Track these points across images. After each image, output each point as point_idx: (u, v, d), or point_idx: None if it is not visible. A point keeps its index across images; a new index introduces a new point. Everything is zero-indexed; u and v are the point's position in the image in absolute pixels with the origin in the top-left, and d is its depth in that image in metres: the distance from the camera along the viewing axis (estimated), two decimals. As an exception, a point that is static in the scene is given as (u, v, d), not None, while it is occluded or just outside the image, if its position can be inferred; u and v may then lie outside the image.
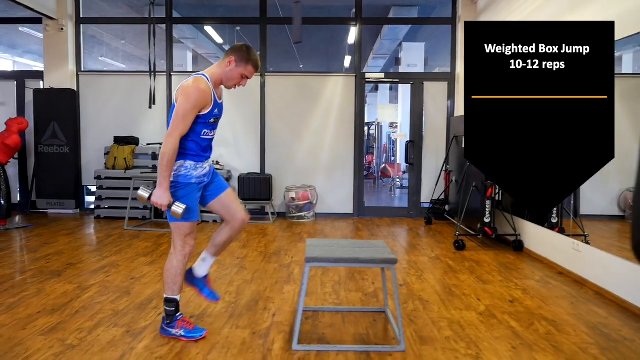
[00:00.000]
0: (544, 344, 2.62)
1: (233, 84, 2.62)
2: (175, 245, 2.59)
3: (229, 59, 2.55)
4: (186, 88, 2.44)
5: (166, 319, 2.60)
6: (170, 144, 2.40)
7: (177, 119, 2.42)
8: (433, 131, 6.72)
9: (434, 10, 8.49)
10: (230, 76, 2.58)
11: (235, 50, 2.57)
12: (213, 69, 2.60)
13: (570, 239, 3.99)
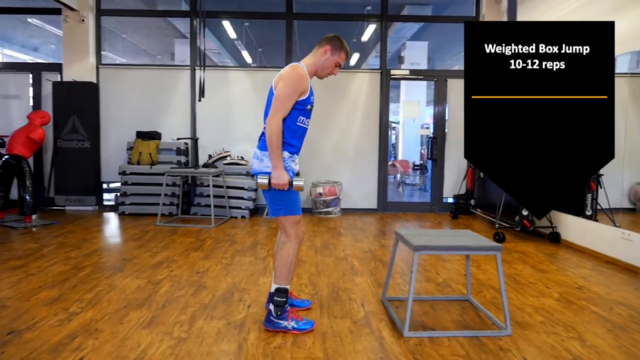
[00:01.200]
0: (634, 326, 2.74)
1: (327, 72, 2.69)
2: (289, 234, 2.60)
3: (324, 49, 2.63)
4: (286, 74, 2.51)
5: (276, 310, 2.58)
6: (274, 124, 2.45)
7: (278, 102, 2.47)
8: (456, 127, 6.86)
9: (447, 9, 8.64)
10: (326, 65, 2.65)
11: (329, 40, 2.65)
12: (308, 60, 2.66)
13: (619, 229, 4.16)
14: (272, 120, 2.45)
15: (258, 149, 2.62)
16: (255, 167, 2.61)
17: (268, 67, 6.87)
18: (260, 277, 3.62)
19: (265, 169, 2.54)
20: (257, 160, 2.60)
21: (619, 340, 2.54)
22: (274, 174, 2.47)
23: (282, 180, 2.46)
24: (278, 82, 2.52)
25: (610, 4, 4.36)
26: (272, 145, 2.44)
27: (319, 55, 2.64)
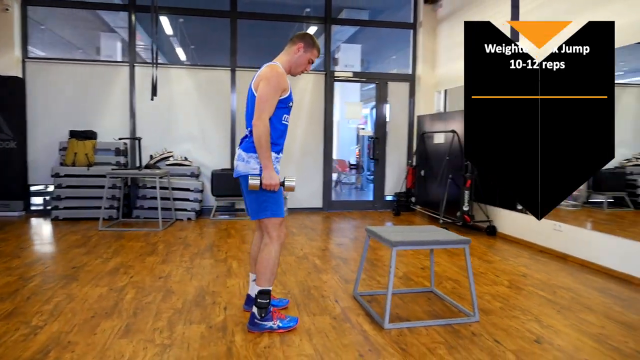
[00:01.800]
0: (577, 306, 3.09)
1: (301, 69, 2.73)
2: (272, 236, 2.62)
3: (297, 46, 2.66)
4: (266, 74, 2.51)
5: (260, 312, 2.58)
6: (262, 125, 2.45)
7: (262, 103, 2.47)
8: (396, 128, 7.17)
9: (382, 14, 8.96)
10: (299, 62, 2.69)
11: (301, 38, 2.68)
12: (282, 58, 2.69)
13: (550, 221, 4.63)
14: (259, 122, 2.46)
15: (243, 151, 2.60)
16: (240, 169, 2.60)
17: (212, 66, 6.73)
18: (227, 279, 3.59)
19: (252, 170, 2.55)
20: (242, 162, 2.58)
21: (568, 319, 2.86)
22: (265, 175, 2.48)
23: (273, 180, 2.48)
24: (258, 83, 2.53)
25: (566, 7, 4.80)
26: (262, 147, 2.45)
27: (292, 53, 2.67)
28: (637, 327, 2.75)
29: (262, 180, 2.49)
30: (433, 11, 6.90)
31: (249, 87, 2.64)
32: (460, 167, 5.51)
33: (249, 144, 2.57)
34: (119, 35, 11.01)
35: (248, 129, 2.61)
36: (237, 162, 2.63)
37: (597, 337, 2.59)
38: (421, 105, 7.02)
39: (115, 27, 10.10)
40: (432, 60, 7.02)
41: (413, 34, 7.16)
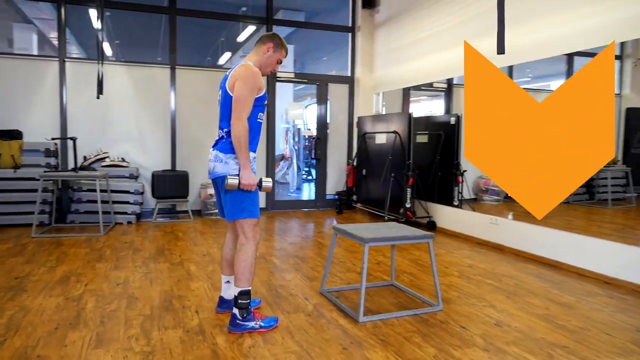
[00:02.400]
0: (522, 291, 3.43)
1: (270, 69, 2.76)
2: (248, 237, 2.63)
3: (266, 46, 2.68)
4: (241, 73, 2.52)
5: (241, 313, 2.59)
6: (241, 126, 2.48)
7: (240, 103, 2.48)
8: (337, 129, 7.36)
9: (317, 16, 9.13)
10: (269, 62, 2.72)
11: (270, 38, 2.71)
12: (252, 57, 2.70)
13: (487, 215, 5.03)
14: (238, 123, 2.47)
15: (220, 152, 2.60)
16: (218, 170, 2.59)
17: (150, 63, 6.48)
18: (189, 282, 3.53)
19: (231, 171, 2.56)
20: (220, 163, 2.58)
21: (517, 304, 3.17)
22: (243, 175, 2.50)
23: (252, 180, 2.52)
24: (233, 83, 2.53)
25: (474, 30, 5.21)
26: (241, 147, 2.48)
27: (262, 53, 2.69)
28: (575, 307, 3.11)
29: (241, 180, 2.50)
30: (370, 16, 7.17)
31: (222, 88, 2.63)
32: (402, 167, 5.80)
33: (227, 145, 2.58)
34: (34, 27, 10.21)
35: (224, 130, 2.61)
36: (213, 164, 2.63)
37: (545, 318, 2.91)
38: (360, 107, 7.27)
39: (32, 18, 9.36)
40: (370, 64, 7.30)
41: (351, 38, 7.39)
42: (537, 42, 4.40)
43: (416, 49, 6.19)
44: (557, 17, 4.20)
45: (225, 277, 2.88)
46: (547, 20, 4.30)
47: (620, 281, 3.60)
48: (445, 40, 5.66)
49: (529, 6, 4.45)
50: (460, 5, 5.39)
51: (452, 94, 7.20)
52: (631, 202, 7.67)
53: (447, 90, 7.26)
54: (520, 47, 4.54)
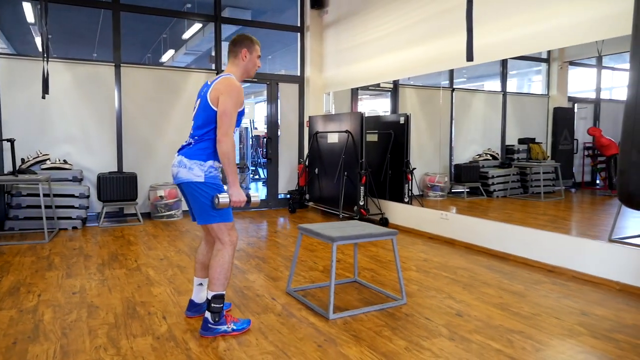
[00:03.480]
0: (476, 282, 3.64)
1: (254, 70, 2.74)
2: (224, 241, 2.61)
3: (242, 53, 2.66)
4: (226, 88, 2.49)
5: (213, 317, 2.57)
6: (229, 142, 2.48)
7: (227, 118, 2.46)
8: (288, 128, 7.38)
9: (264, 14, 9.08)
10: (251, 65, 2.70)
11: (240, 42, 2.67)
12: (232, 69, 2.68)
13: (438, 210, 5.27)
14: (226, 139, 2.46)
15: (185, 157, 2.56)
16: (182, 176, 2.55)
17: (94, 61, 6.17)
18: (150, 288, 3.44)
19: (196, 178, 2.52)
20: (185, 169, 2.54)
21: (473, 294, 3.37)
22: (233, 192, 2.51)
23: (242, 197, 2.53)
24: (216, 97, 2.49)
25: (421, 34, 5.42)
26: (230, 163, 2.49)
27: (241, 61, 2.66)
28: (525, 294, 3.35)
29: (231, 198, 2.49)
30: (319, 17, 7.25)
31: (202, 97, 2.59)
32: (355, 165, 5.93)
33: (194, 150, 2.56)
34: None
35: (194, 137, 2.58)
36: (177, 169, 2.58)
37: (500, 306, 3.12)
38: (311, 106, 7.33)
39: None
40: (320, 64, 7.38)
41: (300, 37, 7.43)
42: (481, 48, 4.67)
43: (366, 51, 6.34)
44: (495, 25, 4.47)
45: (198, 280, 2.84)
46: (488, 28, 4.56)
47: (561, 269, 3.91)
48: (394, 43, 5.84)
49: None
50: (407, 10, 5.59)
51: (398, 93, 7.45)
52: (560, 195, 8.30)
53: (393, 90, 7.50)
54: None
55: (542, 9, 4.07)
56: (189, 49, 11.02)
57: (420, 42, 5.43)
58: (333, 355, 2.40)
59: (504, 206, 7.47)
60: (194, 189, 2.54)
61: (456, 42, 5.00)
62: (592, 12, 3.68)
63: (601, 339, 2.62)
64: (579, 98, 9.52)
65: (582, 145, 9.30)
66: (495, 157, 8.56)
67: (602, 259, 3.65)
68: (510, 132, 8.91)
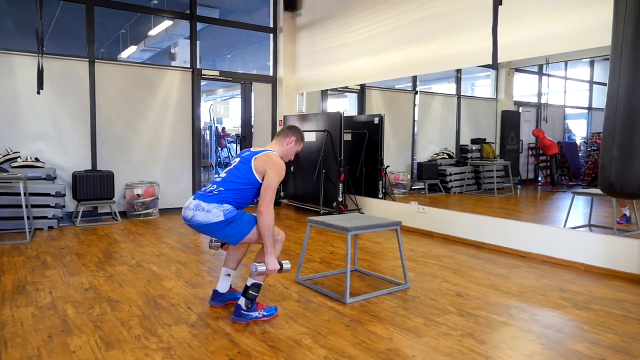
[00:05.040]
0: (463, 268, 4.00)
1: (288, 158, 2.99)
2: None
3: (289, 139, 2.94)
4: (274, 164, 2.72)
5: (247, 304, 2.74)
6: (271, 215, 2.65)
7: (270, 191, 2.69)
8: (261, 126, 7.50)
9: (232, 14, 9.13)
10: (290, 152, 2.97)
11: (294, 131, 2.97)
12: (275, 146, 2.92)
13: (415, 205, 5.63)
14: (268, 211, 2.63)
15: (203, 202, 2.69)
16: (200, 219, 2.68)
17: (66, 56, 6.00)
18: (161, 282, 3.51)
19: (215, 218, 2.65)
20: (203, 212, 2.67)
21: (464, 278, 3.72)
22: (269, 262, 2.67)
23: (276, 266, 2.68)
24: (264, 169, 2.69)
25: (394, 40, 5.77)
26: (269, 235, 2.65)
27: (285, 144, 2.92)
28: (509, 276, 3.75)
29: (267, 267, 2.66)
30: (292, 19, 7.44)
31: (243, 159, 2.79)
32: (333, 163, 6.19)
33: (213, 198, 2.69)
34: None
35: (220, 189, 2.72)
36: (193, 212, 2.70)
37: (491, 286, 3.49)
38: (284, 106, 7.51)
39: None
40: (293, 65, 7.57)
41: (273, 38, 7.58)
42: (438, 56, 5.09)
43: (340, 54, 6.62)
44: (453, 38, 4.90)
45: (227, 270, 2.99)
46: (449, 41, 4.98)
47: (532, 254, 4.37)
48: (368, 47, 6.16)
49: (438, 25, 5.11)
50: (381, 17, 5.92)
51: (365, 95, 7.81)
52: (510, 190, 9.01)
53: (360, 92, 7.85)
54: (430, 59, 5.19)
55: (512, 22, 4.52)
56: (151, 45, 10.81)
57: (393, 48, 5.79)
58: (363, 332, 2.64)
59: (463, 201, 8.03)
60: (217, 228, 2.68)
61: (426, 49, 5.40)
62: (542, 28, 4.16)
63: (582, 309, 3.04)
64: (524, 102, 10.36)
65: (526, 146, 10.14)
66: (451, 156, 9.15)
67: (567, 245, 4.14)
68: (463, 133, 9.55)
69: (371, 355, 2.37)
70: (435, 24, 5.26)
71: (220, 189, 2.72)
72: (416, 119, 8.56)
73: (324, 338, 2.56)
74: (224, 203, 2.68)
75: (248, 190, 2.74)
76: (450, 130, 9.35)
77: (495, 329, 2.70)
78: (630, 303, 3.17)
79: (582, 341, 2.55)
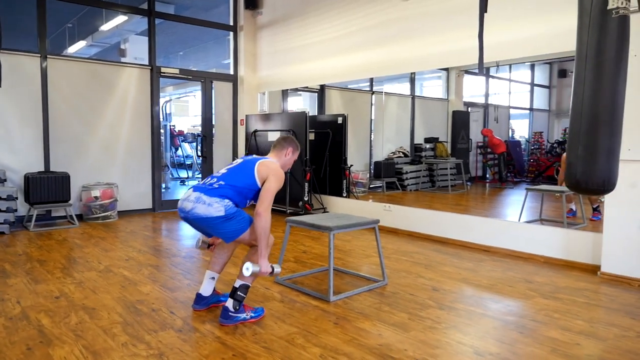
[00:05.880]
0: (434, 263, 4.16)
1: (287, 168, 3.05)
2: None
3: (286, 150, 2.99)
4: (276, 172, 2.79)
5: (235, 305, 2.73)
6: (269, 217, 2.69)
7: (269, 196, 2.72)
8: (223, 126, 7.39)
9: (188, 10, 8.91)
10: (288, 163, 3.03)
11: (290, 142, 3.03)
12: (275, 159, 2.96)
13: (381, 203, 5.76)
14: (266, 214, 2.67)
15: (205, 194, 2.70)
16: (200, 212, 2.67)
17: (14, 50, 5.64)
18: (137, 287, 3.41)
19: (217, 212, 2.66)
20: (204, 205, 2.67)
21: (436, 273, 3.87)
22: (262, 264, 2.68)
23: (268, 269, 2.70)
24: (266, 173, 2.75)
25: (357, 42, 5.88)
26: (265, 237, 2.68)
27: (283, 156, 2.98)
28: (476, 270, 3.94)
29: (261, 269, 2.67)
30: (253, 17, 7.38)
31: (247, 161, 2.85)
32: (298, 163, 6.21)
33: (218, 191, 2.71)
34: None
35: (223, 183, 2.75)
36: (193, 204, 2.70)
37: (463, 280, 3.65)
38: (245, 105, 7.43)
39: None
40: (254, 64, 7.50)
41: (234, 37, 7.49)
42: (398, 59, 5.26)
43: (303, 54, 6.64)
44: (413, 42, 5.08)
45: (212, 273, 2.95)
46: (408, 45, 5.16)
47: (495, 248, 4.61)
48: (330, 48, 6.22)
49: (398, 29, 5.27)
50: (344, 19, 6.00)
51: (325, 94, 7.89)
52: (463, 187, 9.41)
53: (319, 92, 7.92)
54: (403, 61, 5.35)
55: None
56: (99, 40, 10.34)
57: (355, 49, 5.89)
58: (352, 329, 2.70)
59: (420, 198, 8.30)
60: (216, 222, 2.68)
61: (388, 52, 5.55)
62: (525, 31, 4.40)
63: (549, 298, 3.25)
64: (472, 103, 10.84)
65: (475, 144, 10.61)
66: (406, 155, 9.43)
67: (527, 238, 4.40)
68: (417, 132, 9.86)
69: (365, 351, 2.43)
70: (397, 28, 5.40)
71: (221, 183, 2.74)
72: (373, 118, 8.76)
73: (315, 337, 2.60)
74: (225, 198, 2.70)
75: (247, 192, 2.77)
76: (405, 130, 9.63)
77: (476, 321, 2.84)
78: (589, 291, 3.42)
79: (555, 328, 2.74)
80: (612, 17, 2.37)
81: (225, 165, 3.02)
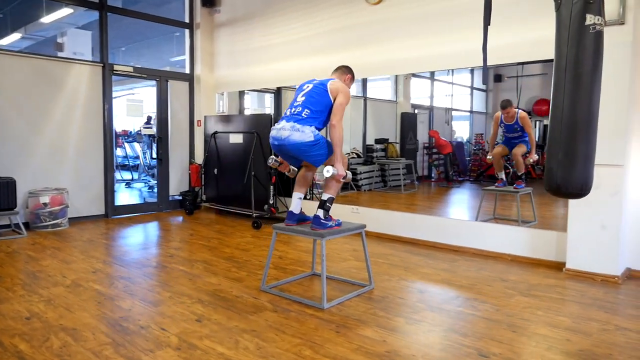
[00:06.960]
0: (411, 265, 4.24)
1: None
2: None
3: (347, 76, 3.49)
4: (344, 90, 3.25)
5: (324, 214, 3.30)
6: (341, 128, 3.18)
7: (341, 110, 3.19)
8: (179, 127, 7.09)
9: (137, 5, 8.46)
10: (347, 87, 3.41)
11: (350, 71, 3.53)
12: (337, 78, 3.41)
13: (349, 205, 5.79)
14: (340, 124, 3.18)
15: (297, 123, 3.12)
16: (295, 138, 3.09)
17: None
18: (116, 302, 3.19)
19: (308, 138, 3.09)
20: (298, 132, 3.09)
21: (416, 275, 3.95)
22: (338, 167, 3.16)
23: (343, 172, 3.19)
24: (337, 92, 3.20)
25: (320, 45, 5.87)
26: (340, 144, 3.17)
27: (344, 80, 3.43)
28: (454, 271, 4.07)
29: (338, 172, 3.15)
30: (210, 15, 7.14)
31: (317, 85, 3.26)
32: (262, 165, 6.10)
33: (305, 120, 3.13)
34: None
35: (305, 110, 3.17)
36: (289, 132, 3.11)
37: (444, 281, 3.76)
38: (202, 106, 7.19)
39: None
40: (211, 63, 7.27)
41: (190, 35, 7.21)
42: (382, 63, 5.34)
43: (263, 55, 6.52)
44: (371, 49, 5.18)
45: (298, 194, 3.47)
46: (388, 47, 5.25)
47: (464, 248, 4.78)
48: (291, 50, 6.15)
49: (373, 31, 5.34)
50: (306, 21, 5.95)
51: (281, 95, 7.81)
52: (414, 187, 9.71)
53: (276, 92, 7.83)
54: (375, 65, 5.42)
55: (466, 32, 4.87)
56: (34, 32, 9.57)
57: (317, 52, 5.86)
58: (355, 337, 2.69)
59: (375, 198, 8.46)
60: (307, 148, 3.11)
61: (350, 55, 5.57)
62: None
63: (528, 296, 3.42)
64: (419, 105, 11.19)
65: (422, 145, 10.97)
66: (359, 155, 9.57)
67: (494, 238, 4.60)
68: (369, 133, 10.05)
69: (375, 359, 2.43)
70: (359, 33, 5.43)
71: (307, 112, 3.15)
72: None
73: (321, 347, 2.56)
74: (311, 125, 3.12)
75: (325, 115, 3.18)
76: (358, 131, 9.77)
77: (470, 322, 2.93)
78: (560, 287, 3.64)
79: (543, 325, 2.89)
80: (589, 32, 2.53)
81: (298, 93, 3.31)
